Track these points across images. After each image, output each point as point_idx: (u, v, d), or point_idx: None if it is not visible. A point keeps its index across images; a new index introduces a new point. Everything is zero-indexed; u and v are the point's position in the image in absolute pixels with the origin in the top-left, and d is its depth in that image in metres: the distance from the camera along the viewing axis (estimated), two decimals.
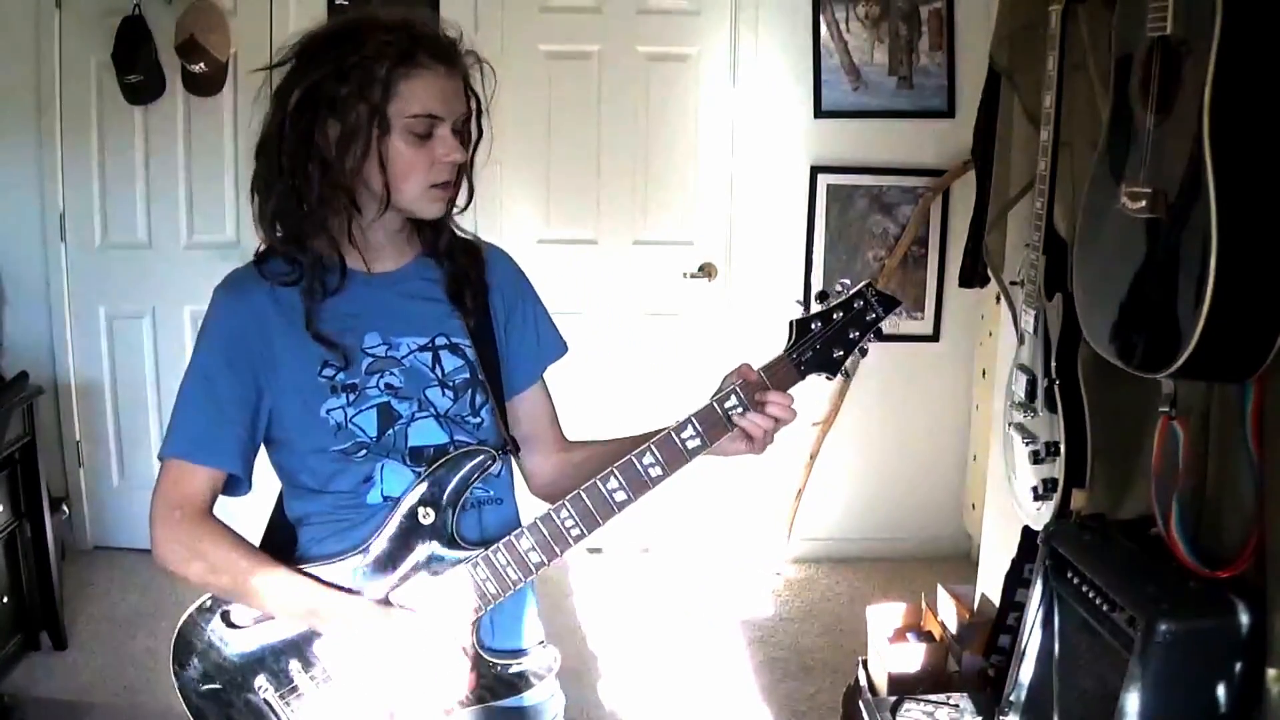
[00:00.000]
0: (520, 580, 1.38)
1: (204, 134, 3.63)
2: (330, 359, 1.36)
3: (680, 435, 1.35)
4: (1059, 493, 2.02)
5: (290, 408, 1.38)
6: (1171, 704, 1.54)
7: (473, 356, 1.44)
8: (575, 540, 1.36)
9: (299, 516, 1.44)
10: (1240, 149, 1.39)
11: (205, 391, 1.37)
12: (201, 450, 1.36)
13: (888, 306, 1.38)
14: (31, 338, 3.68)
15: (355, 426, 1.37)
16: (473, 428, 1.43)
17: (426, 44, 1.32)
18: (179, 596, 1.39)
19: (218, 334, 1.39)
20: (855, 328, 1.38)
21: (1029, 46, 2.24)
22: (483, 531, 1.43)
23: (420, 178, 1.34)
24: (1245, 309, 1.40)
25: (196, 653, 1.37)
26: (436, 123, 1.33)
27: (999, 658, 2.22)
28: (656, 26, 3.68)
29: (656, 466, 1.35)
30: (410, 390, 1.40)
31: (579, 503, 1.35)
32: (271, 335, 1.37)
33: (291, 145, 1.32)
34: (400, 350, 1.40)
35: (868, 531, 3.93)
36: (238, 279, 1.42)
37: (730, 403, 1.35)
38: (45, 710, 2.91)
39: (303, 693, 1.37)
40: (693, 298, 3.84)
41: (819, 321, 1.37)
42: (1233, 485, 1.63)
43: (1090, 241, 1.74)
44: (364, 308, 1.40)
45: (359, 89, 1.29)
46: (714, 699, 3.05)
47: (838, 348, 1.37)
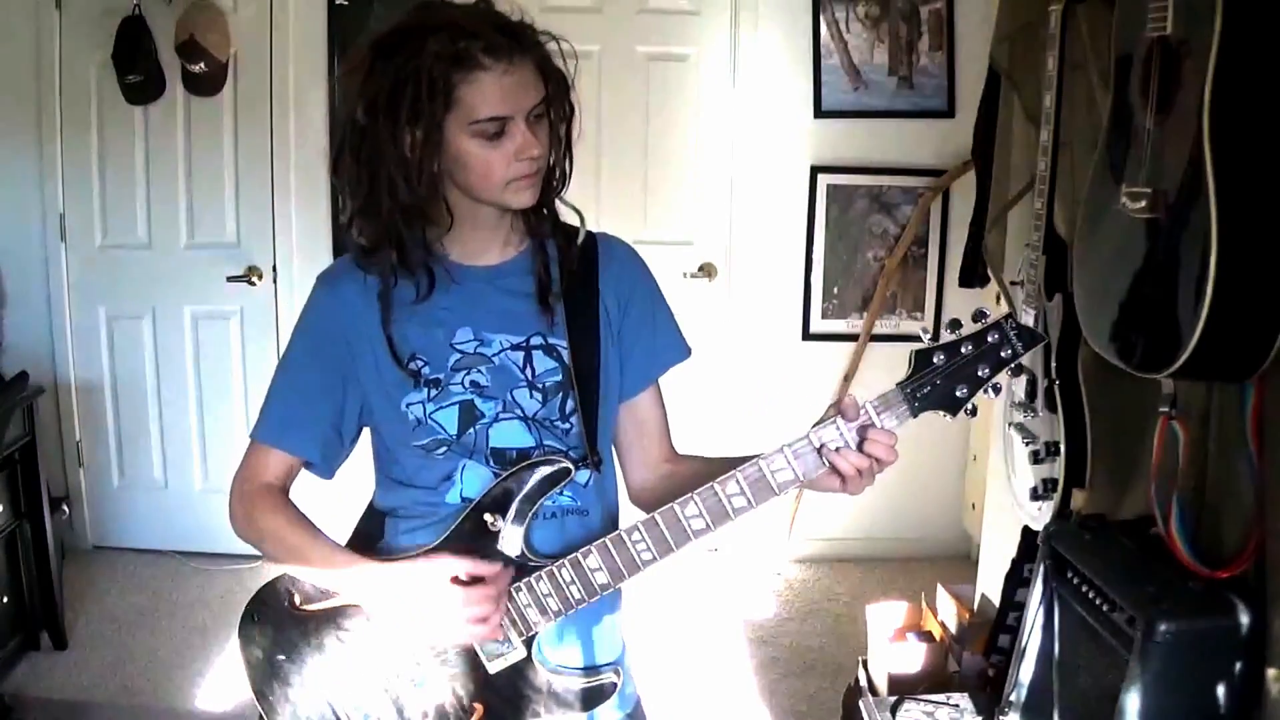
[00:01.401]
0: (584, 599, 1.32)
1: (204, 134, 3.63)
2: (416, 353, 1.36)
3: (770, 467, 1.25)
4: (1059, 493, 2.02)
5: (377, 399, 1.39)
6: (1171, 704, 1.54)
7: (568, 359, 1.38)
8: (645, 565, 1.29)
9: (387, 508, 1.45)
10: (1240, 149, 1.39)
11: (289, 379, 1.42)
12: (278, 435, 1.41)
13: (1028, 342, 1.23)
14: (31, 338, 3.68)
15: (434, 422, 1.36)
16: (561, 433, 1.39)
17: (484, 40, 1.25)
18: (179, 597, 1.39)
19: (308, 324, 1.42)
20: (985, 364, 1.23)
21: (1029, 46, 2.24)
22: (564, 542, 1.37)
23: (499, 176, 1.30)
24: (1245, 309, 1.40)
25: (260, 633, 1.40)
26: (507, 121, 1.28)
27: (999, 658, 2.22)
28: (656, 26, 3.68)
29: (741, 498, 1.25)
30: (496, 390, 1.37)
31: (654, 528, 1.28)
32: (361, 327, 1.37)
33: (366, 155, 1.29)
34: (492, 347, 1.38)
35: (868, 531, 3.93)
36: (334, 270, 1.44)
37: (828, 435, 1.25)
38: (45, 710, 2.91)
39: (357, 686, 1.37)
40: (693, 298, 3.83)
41: (943, 354, 1.23)
42: (1233, 485, 1.63)
43: (1090, 241, 1.74)
44: (458, 302, 1.38)
45: (420, 98, 1.25)
46: (714, 699, 3.05)
47: (962, 385, 1.23)
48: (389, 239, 1.33)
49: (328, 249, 3.67)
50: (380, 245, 1.34)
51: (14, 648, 3.02)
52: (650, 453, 1.49)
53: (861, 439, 1.25)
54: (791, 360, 3.76)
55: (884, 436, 1.25)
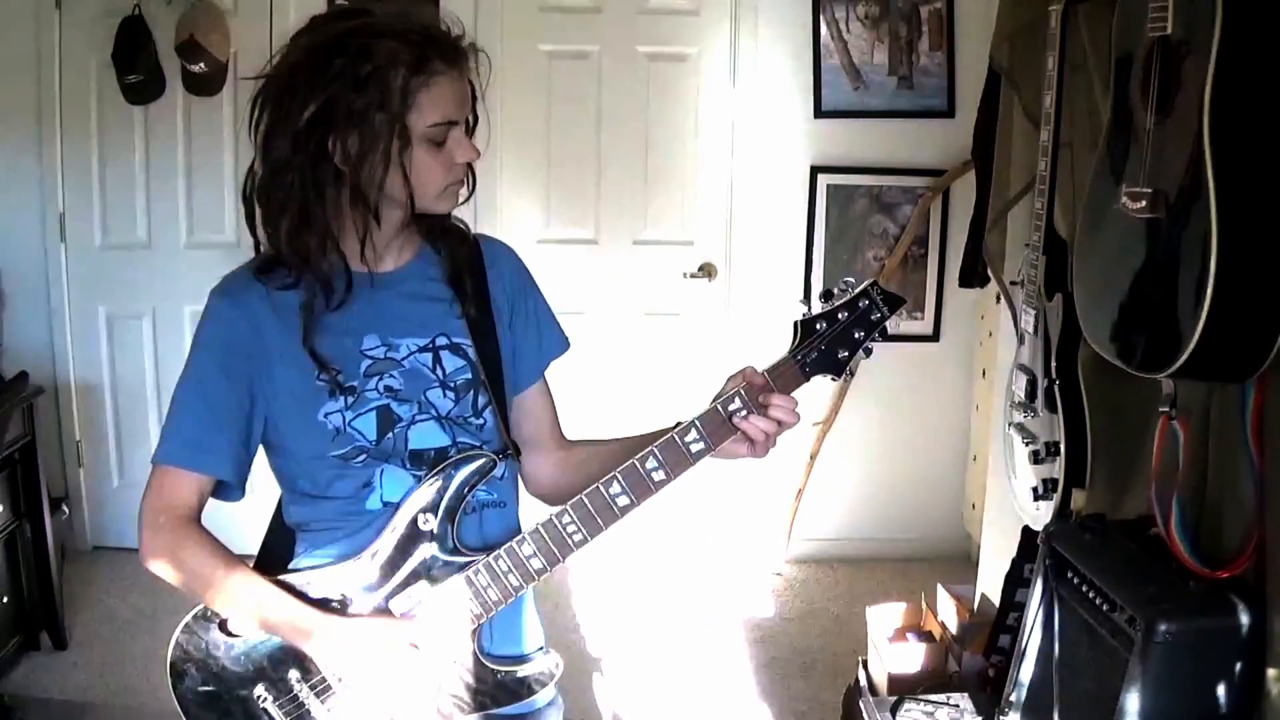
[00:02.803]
0: (522, 586, 1.36)
1: (204, 134, 3.63)
2: (329, 363, 1.35)
3: (684, 438, 1.33)
4: (1059, 493, 2.02)
5: (287, 413, 1.37)
6: (1171, 704, 1.54)
7: (474, 356, 1.42)
8: (578, 545, 1.34)
9: (298, 522, 1.43)
10: (1240, 149, 1.39)
11: (197, 397, 1.37)
12: (190, 456, 1.36)
13: (893, 305, 1.35)
14: (31, 338, 3.67)
15: (354, 430, 1.36)
16: (475, 429, 1.42)
17: (437, 47, 1.29)
18: (179, 597, 1.39)
19: (211, 339, 1.38)
20: (860, 327, 1.35)
21: (1029, 46, 2.24)
22: (484, 536, 1.41)
23: (439, 180, 1.34)
24: (1245, 309, 1.40)
25: (194, 660, 1.37)
26: (452, 126, 1.32)
27: (999, 658, 2.22)
28: (656, 26, 3.68)
29: (660, 470, 1.33)
30: (410, 392, 1.38)
31: (581, 508, 1.33)
32: (267, 340, 1.36)
33: (305, 161, 1.28)
34: (400, 352, 1.39)
35: (868, 531, 3.93)
36: (233, 283, 1.40)
37: (734, 405, 1.33)
38: (45, 710, 2.91)
39: (302, 702, 1.36)
40: (693, 298, 3.83)
41: (824, 321, 1.34)
42: (1233, 485, 1.63)
43: (1090, 241, 1.74)
44: (362, 309, 1.38)
45: (376, 102, 1.26)
46: (714, 699, 3.05)
47: (843, 348, 1.35)
48: (323, 247, 1.31)
49: None
50: (309, 255, 1.32)
51: (14, 648, 3.01)
52: (544, 443, 1.54)
53: (765, 405, 1.33)
54: None
55: (785, 400, 1.34)
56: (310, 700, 1.36)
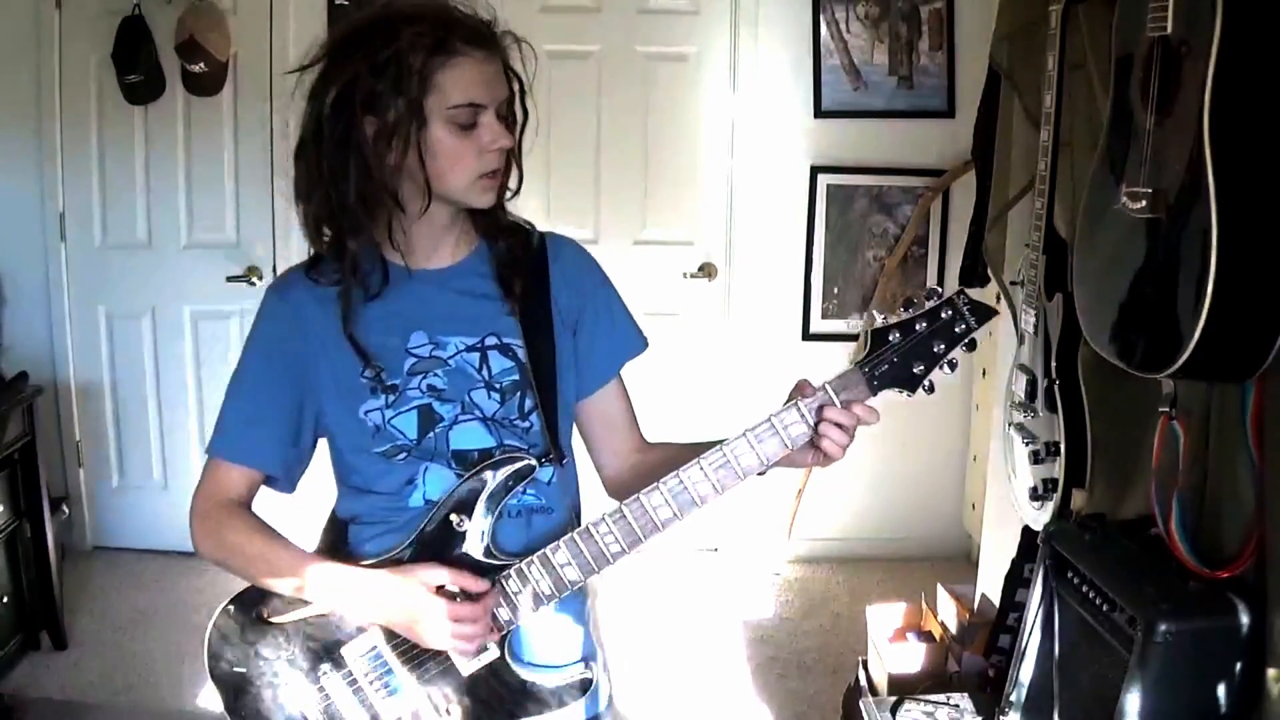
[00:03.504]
0: (555, 595, 1.33)
1: (204, 134, 3.63)
2: (373, 359, 1.35)
3: (734, 452, 1.26)
4: (1059, 493, 2.02)
5: (333, 408, 1.38)
6: (1171, 704, 1.54)
7: (524, 358, 1.39)
8: (615, 558, 1.30)
9: (349, 515, 1.44)
10: (1240, 149, 1.39)
11: (245, 392, 1.40)
12: (237, 451, 1.39)
13: (981, 317, 1.25)
14: (31, 338, 3.67)
15: (394, 429, 1.36)
16: (521, 432, 1.39)
17: (461, 30, 1.27)
18: (179, 597, 1.39)
19: (261, 336, 1.40)
20: (941, 340, 1.24)
21: (1029, 46, 2.24)
22: (528, 541, 1.38)
23: (469, 168, 1.30)
24: (1245, 309, 1.40)
25: (230, 644, 1.39)
26: (480, 110, 1.28)
27: (999, 658, 2.22)
28: (656, 26, 3.68)
29: (706, 484, 1.26)
30: (453, 392, 1.37)
31: (620, 519, 1.28)
32: (314, 336, 1.36)
33: (329, 146, 1.28)
34: (447, 350, 1.37)
35: (868, 531, 3.93)
36: (284, 280, 1.42)
37: (789, 419, 1.26)
38: (45, 710, 2.91)
39: (330, 694, 1.37)
40: (693, 298, 3.83)
41: (898, 332, 1.25)
42: (1233, 485, 1.63)
43: (1090, 241, 1.74)
44: (411, 306, 1.37)
45: (395, 83, 1.24)
46: (714, 699, 3.05)
47: (919, 361, 1.25)
48: (352, 235, 1.31)
49: None
50: (339, 244, 1.33)
51: (14, 648, 3.02)
52: (619, 444, 1.50)
53: (819, 420, 1.26)
54: (791, 360, 3.76)
55: (842, 415, 1.26)
56: (339, 693, 1.36)
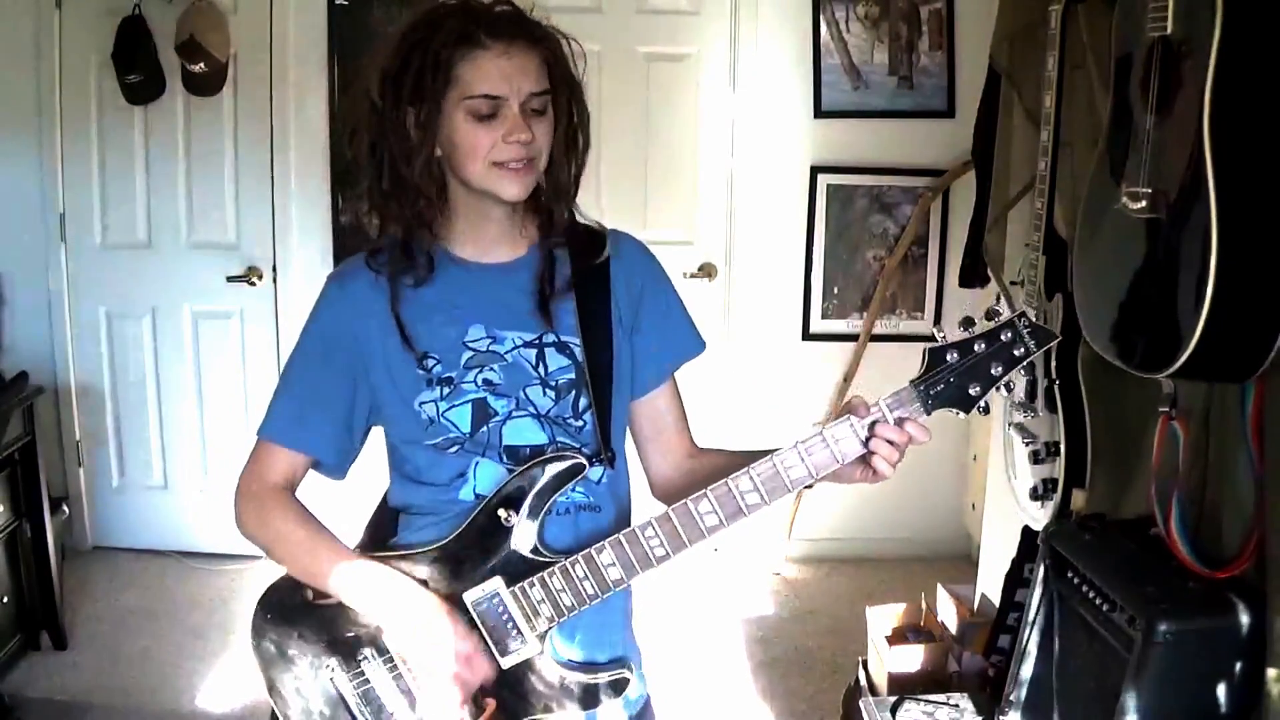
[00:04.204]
0: (598, 595, 1.33)
1: (204, 134, 3.63)
2: (428, 351, 1.36)
3: (784, 464, 1.27)
4: (1059, 493, 2.02)
5: (388, 398, 1.39)
6: (1171, 704, 1.54)
7: (581, 357, 1.39)
8: (659, 561, 1.30)
9: (400, 504, 1.45)
10: (1240, 149, 1.39)
11: (299, 377, 1.41)
12: (288, 433, 1.40)
13: (1041, 340, 1.24)
14: (31, 338, 3.68)
15: (447, 421, 1.36)
16: (574, 430, 1.39)
17: (485, 22, 1.29)
18: (179, 597, 1.40)
19: (319, 321, 1.41)
20: (999, 362, 1.24)
21: (1029, 46, 2.24)
22: (576, 539, 1.38)
23: (484, 155, 1.30)
24: (1245, 309, 1.40)
25: (275, 619, 1.39)
26: (500, 103, 1.29)
27: (999, 658, 2.22)
28: (656, 26, 3.68)
29: (754, 494, 1.27)
30: (509, 388, 1.37)
31: (667, 523, 1.29)
32: (371, 325, 1.37)
33: (373, 134, 1.32)
34: (504, 345, 1.38)
35: (868, 531, 3.93)
36: (345, 268, 1.43)
37: (840, 434, 1.27)
38: (45, 710, 2.91)
39: (369, 679, 1.37)
40: (693, 298, 3.81)
41: (955, 352, 1.26)
42: (1233, 485, 1.63)
43: (1090, 241, 1.74)
44: (470, 299, 1.38)
45: (421, 75, 1.27)
46: (714, 699, 3.05)
47: (975, 383, 1.25)
48: (393, 222, 1.35)
49: (328, 249, 3.67)
50: (385, 230, 1.36)
51: (14, 648, 3.02)
52: (670, 447, 1.50)
53: (871, 436, 1.27)
54: (791, 360, 3.76)
55: (894, 433, 1.28)
56: (379, 678, 1.36)
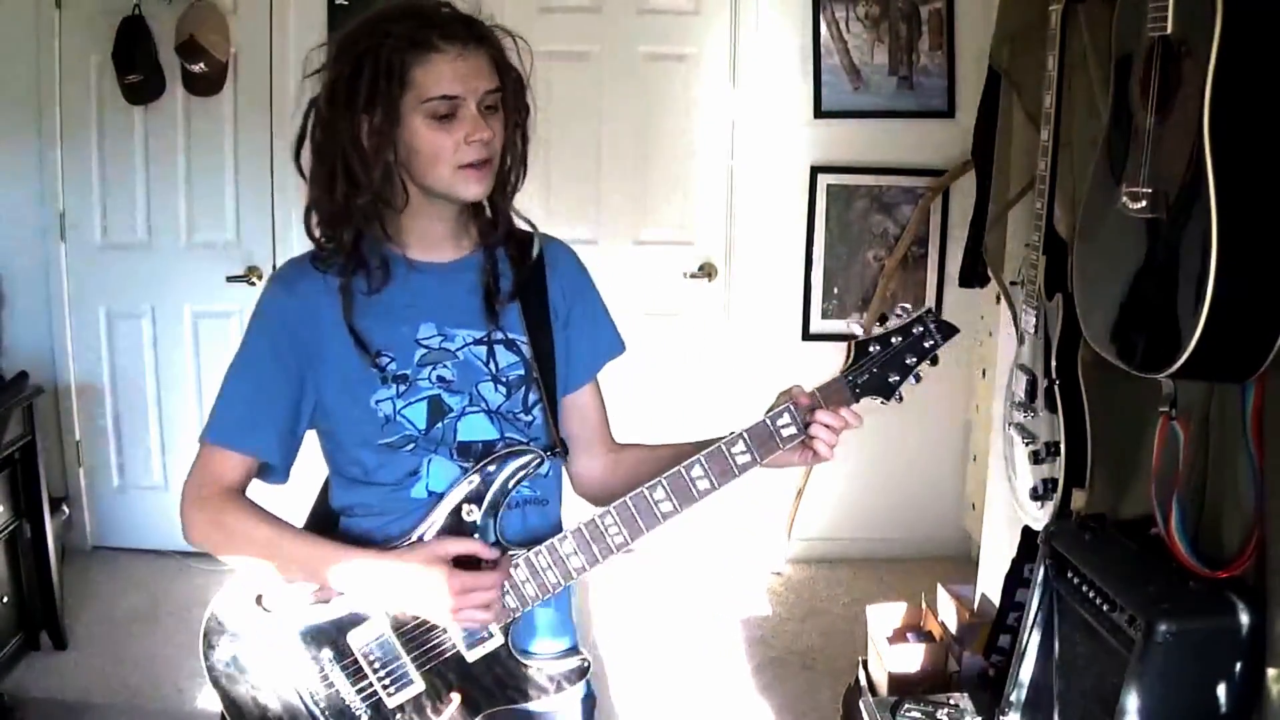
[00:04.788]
0: (560, 584, 1.38)
1: (204, 134, 3.63)
2: (382, 350, 1.36)
3: (731, 450, 1.35)
4: (1059, 493, 2.02)
5: (339, 398, 1.38)
6: (1171, 704, 1.55)
7: (528, 353, 1.42)
8: (618, 548, 1.36)
9: (343, 506, 1.44)
10: (1240, 149, 1.39)
11: (247, 379, 1.40)
12: (236, 437, 1.39)
13: (946, 334, 1.38)
14: (31, 338, 3.67)
15: (404, 419, 1.37)
16: (524, 425, 1.42)
17: (440, 25, 1.30)
18: (179, 597, 1.40)
19: (264, 324, 1.40)
20: (913, 353, 1.38)
21: (1029, 46, 2.24)
22: (526, 531, 1.41)
23: (448, 159, 1.32)
24: (1245, 309, 1.40)
25: (226, 634, 1.39)
26: (458, 103, 1.31)
27: (999, 658, 2.23)
28: (656, 26, 3.68)
29: (705, 480, 1.34)
30: (462, 384, 1.39)
31: (624, 510, 1.34)
32: (321, 325, 1.37)
33: (324, 143, 1.33)
34: (455, 342, 1.39)
35: (868, 531, 3.93)
36: (289, 268, 1.43)
37: (782, 420, 1.36)
38: (45, 710, 2.91)
39: (333, 683, 1.37)
40: (693, 298, 3.83)
41: (877, 344, 1.37)
42: (1233, 485, 1.63)
43: (1090, 241, 1.74)
44: (419, 298, 1.39)
45: (375, 81, 1.29)
46: (714, 699, 3.05)
47: (894, 373, 1.37)
48: (346, 229, 1.35)
49: None
50: (337, 238, 1.36)
51: (14, 648, 3.01)
52: (593, 443, 1.54)
53: (810, 421, 1.36)
54: (791, 360, 3.76)
55: (832, 418, 1.36)
56: (340, 682, 1.37)
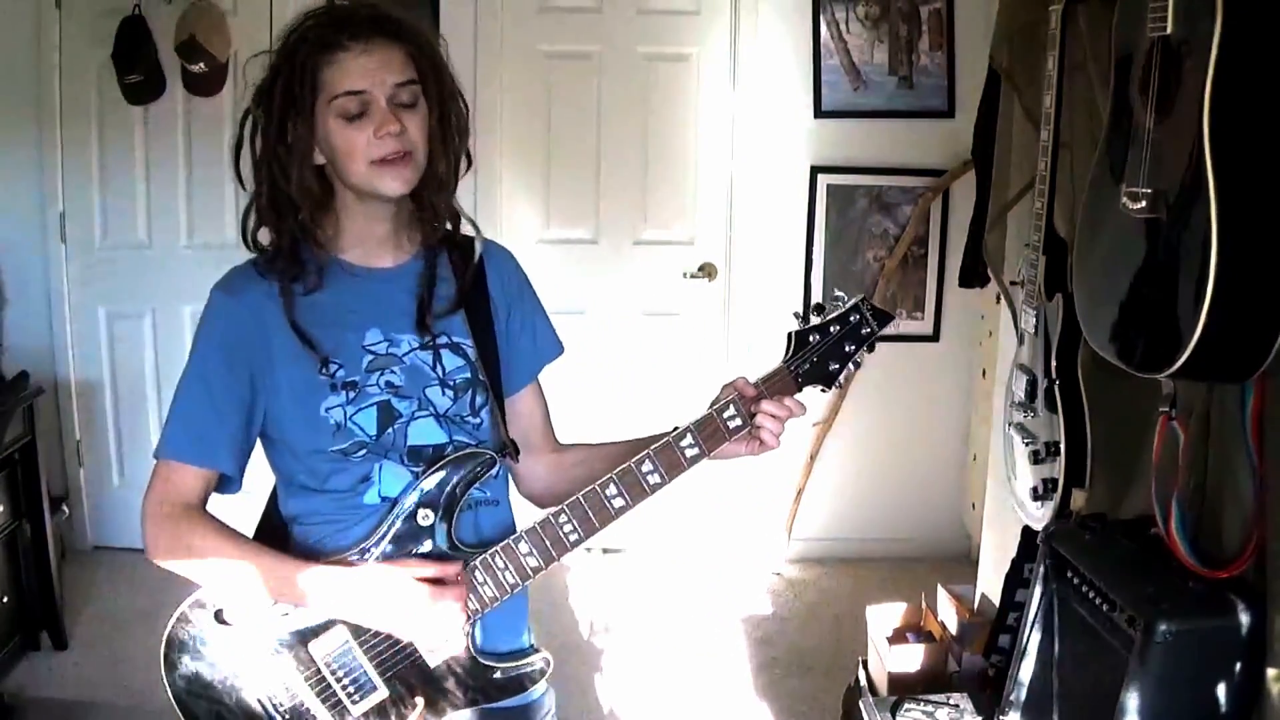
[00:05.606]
0: (518, 584, 1.38)
1: (204, 134, 3.63)
2: (330, 356, 1.36)
3: (679, 444, 1.36)
4: (1059, 493, 2.02)
5: (288, 406, 1.37)
6: (1171, 704, 1.55)
7: (474, 356, 1.43)
8: (572, 545, 1.37)
9: (293, 515, 1.44)
10: (1240, 149, 1.39)
11: (199, 391, 1.38)
12: (193, 450, 1.37)
13: (882, 321, 1.40)
14: (31, 338, 3.67)
15: (355, 425, 1.36)
16: (472, 428, 1.43)
17: (346, 25, 1.32)
18: (179, 596, 1.39)
19: (213, 333, 1.39)
20: (851, 341, 1.39)
21: (1029, 46, 2.24)
22: (479, 534, 1.43)
23: (361, 154, 1.32)
24: (1245, 309, 1.40)
25: (187, 651, 1.39)
26: (366, 99, 1.31)
27: (999, 658, 2.23)
28: (656, 26, 3.68)
29: (655, 474, 1.36)
30: (410, 389, 1.39)
31: (577, 508, 1.36)
32: (269, 333, 1.37)
33: (252, 147, 1.35)
34: (401, 347, 1.40)
35: (868, 531, 3.93)
36: (234, 277, 1.42)
37: (728, 413, 1.37)
38: (45, 710, 2.91)
39: (296, 693, 1.37)
40: (693, 298, 3.83)
41: (816, 334, 1.39)
42: (1233, 485, 1.63)
43: (1090, 241, 1.74)
44: (364, 303, 1.39)
45: (289, 85, 1.31)
46: (714, 699, 3.05)
47: (834, 361, 1.39)
48: (282, 232, 1.37)
49: None
50: (275, 242, 1.39)
51: (14, 648, 3.02)
52: (536, 444, 1.55)
53: (755, 412, 1.38)
54: None
55: (775, 407, 1.37)
56: (304, 693, 1.37)
